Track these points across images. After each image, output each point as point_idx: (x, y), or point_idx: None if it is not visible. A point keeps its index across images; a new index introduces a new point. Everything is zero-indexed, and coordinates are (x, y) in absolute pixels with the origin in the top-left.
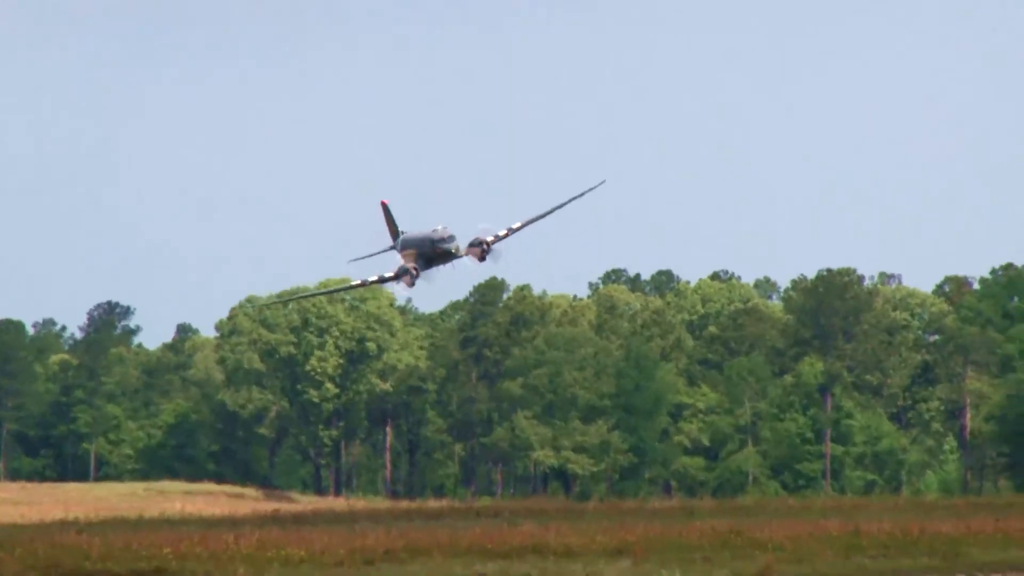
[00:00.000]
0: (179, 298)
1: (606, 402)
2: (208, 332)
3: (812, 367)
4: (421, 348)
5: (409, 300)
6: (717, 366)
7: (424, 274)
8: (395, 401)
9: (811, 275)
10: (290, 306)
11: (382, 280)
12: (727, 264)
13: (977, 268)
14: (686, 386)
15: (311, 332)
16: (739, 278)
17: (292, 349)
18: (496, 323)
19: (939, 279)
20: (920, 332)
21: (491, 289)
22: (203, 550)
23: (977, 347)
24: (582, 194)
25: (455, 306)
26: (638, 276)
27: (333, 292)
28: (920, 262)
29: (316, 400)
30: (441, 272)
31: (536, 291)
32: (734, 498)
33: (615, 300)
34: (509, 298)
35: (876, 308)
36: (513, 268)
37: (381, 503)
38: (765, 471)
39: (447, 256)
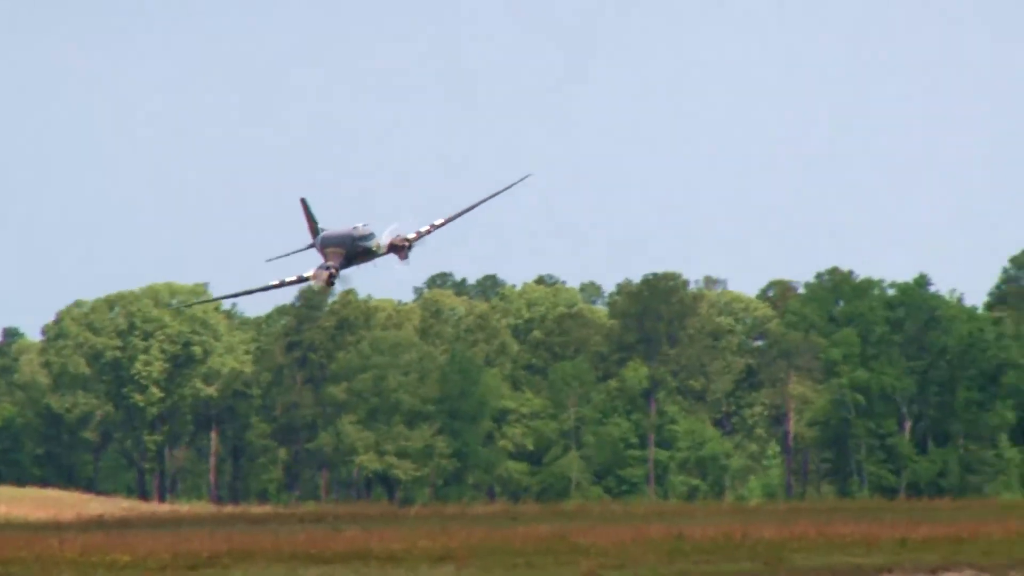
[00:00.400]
0: (4, 301)
1: (430, 407)
2: (34, 335)
3: (636, 372)
4: (246, 353)
5: (235, 304)
6: (541, 371)
7: (343, 273)
8: (220, 406)
9: (636, 280)
10: (115, 309)
11: (301, 280)
12: (552, 268)
13: (802, 273)
14: (510, 391)
15: (137, 336)
16: (564, 283)
17: (118, 353)
18: (321, 328)
19: (764, 284)
20: (744, 337)
21: (316, 293)
22: (28, 554)
23: (801, 352)
24: (506, 188)
25: (281, 310)
26: (463, 281)
27: (253, 292)
28: (745, 267)
29: (141, 404)
30: (360, 270)
31: (361, 295)
32: (558, 503)
33: (440, 305)
34: (334, 302)
35: (701, 313)
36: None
37: (205, 508)
38: (589, 476)
39: (368, 254)
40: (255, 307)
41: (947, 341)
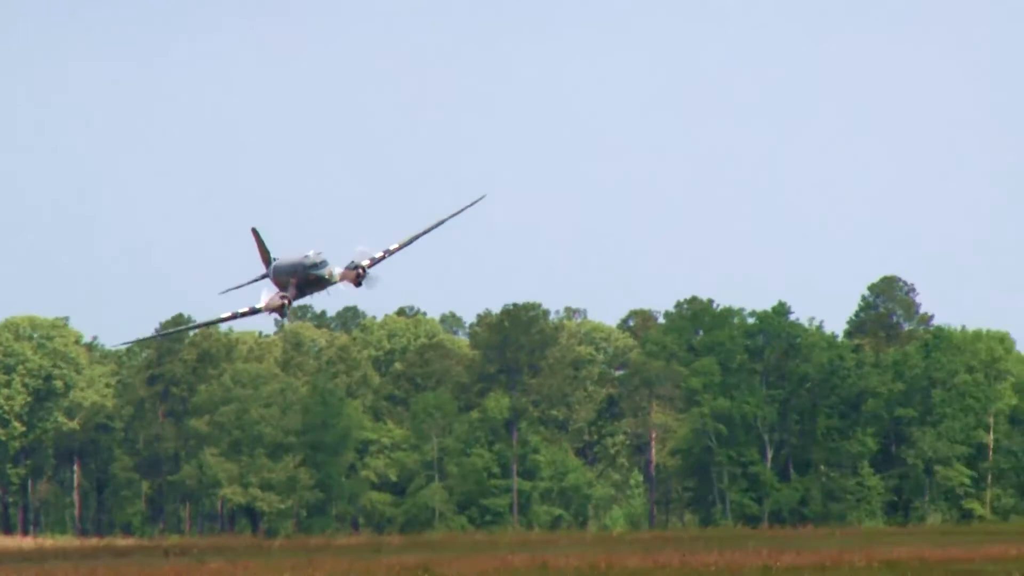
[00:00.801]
0: None
1: (292, 439)
2: None
3: (498, 402)
4: (108, 386)
5: (96, 337)
6: (403, 402)
7: (297, 302)
8: (83, 439)
9: (496, 310)
10: None
11: (254, 311)
12: (413, 300)
13: (662, 302)
14: (372, 422)
15: None
16: (425, 313)
17: None
18: (182, 360)
19: (624, 313)
20: (605, 366)
21: (178, 326)
22: None
23: (662, 381)
24: (461, 210)
25: (142, 343)
26: (324, 313)
27: (206, 325)
28: (605, 296)
29: (3, 438)
30: (315, 299)
31: (223, 328)
32: (421, 533)
33: (301, 337)
34: (196, 335)
35: (561, 342)
36: (198, 305)
37: (70, 541)
38: (452, 506)
39: (320, 282)
40: (116, 340)
41: (807, 369)
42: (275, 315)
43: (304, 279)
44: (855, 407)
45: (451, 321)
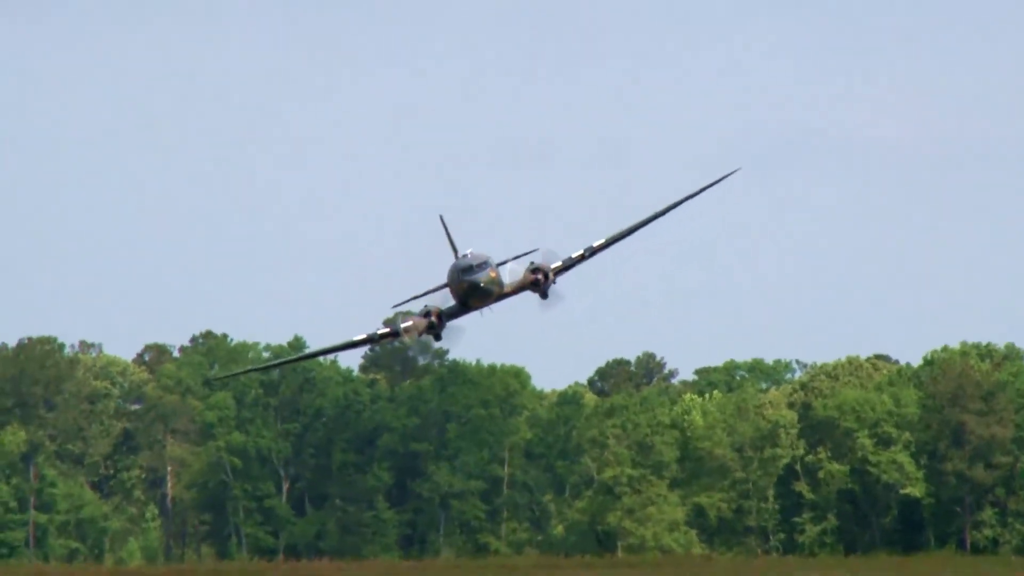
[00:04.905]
0: None
1: None
2: None
3: (15, 436)
4: None
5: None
6: None
7: (453, 323)
8: None
9: (11, 344)
10: None
11: (393, 334)
12: None
13: (177, 336)
14: None
15: None
16: None
17: None
18: None
19: (140, 347)
20: (121, 401)
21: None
22: None
23: (178, 415)
24: (708, 186)
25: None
26: None
27: (326, 352)
28: (121, 330)
29: None
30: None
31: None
32: None
33: None
34: None
35: (77, 377)
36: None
37: None
38: None
39: (478, 293)
40: None
41: (323, 404)
42: (425, 338)
43: (460, 288)
44: (370, 441)
45: None
